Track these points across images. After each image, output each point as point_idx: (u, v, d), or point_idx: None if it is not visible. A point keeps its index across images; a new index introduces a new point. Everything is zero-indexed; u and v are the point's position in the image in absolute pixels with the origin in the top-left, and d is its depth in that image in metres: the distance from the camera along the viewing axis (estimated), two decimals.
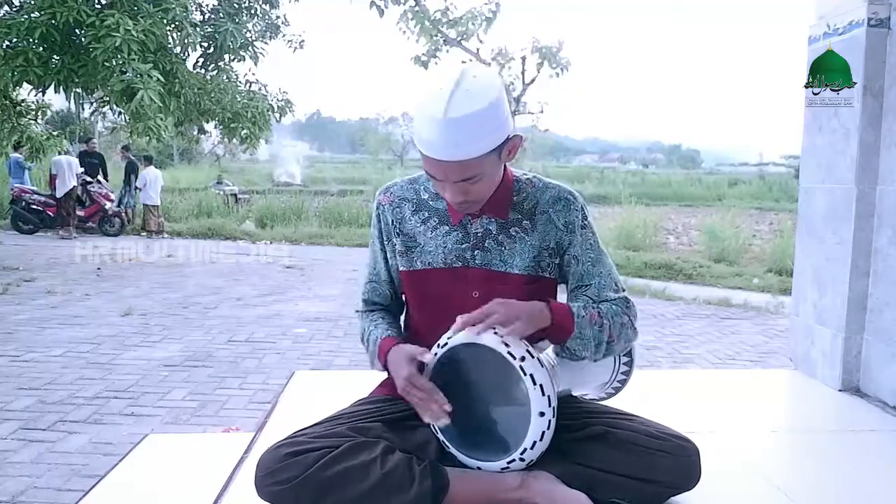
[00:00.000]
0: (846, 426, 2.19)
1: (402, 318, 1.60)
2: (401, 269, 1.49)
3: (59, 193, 10.85)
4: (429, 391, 1.30)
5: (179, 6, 7.53)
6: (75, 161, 11.05)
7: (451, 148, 1.24)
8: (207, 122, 9.27)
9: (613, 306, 1.41)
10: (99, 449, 2.88)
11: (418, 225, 1.47)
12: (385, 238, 1.51)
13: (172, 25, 7.76)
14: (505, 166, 1.42)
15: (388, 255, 1.51)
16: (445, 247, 1.44)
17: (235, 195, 15.67)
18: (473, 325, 1.27)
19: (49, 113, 9.46)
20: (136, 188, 11.92)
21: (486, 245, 1.42)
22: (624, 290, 1.46)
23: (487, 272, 1.42)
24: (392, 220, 1.49)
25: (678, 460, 1.38)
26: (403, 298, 1.56)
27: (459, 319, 1.28)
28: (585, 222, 1.44)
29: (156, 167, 12.33)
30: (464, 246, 1.43)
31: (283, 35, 9.30)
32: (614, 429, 1.39)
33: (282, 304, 6.26)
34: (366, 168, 34.34)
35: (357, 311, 1.58)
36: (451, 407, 1.29)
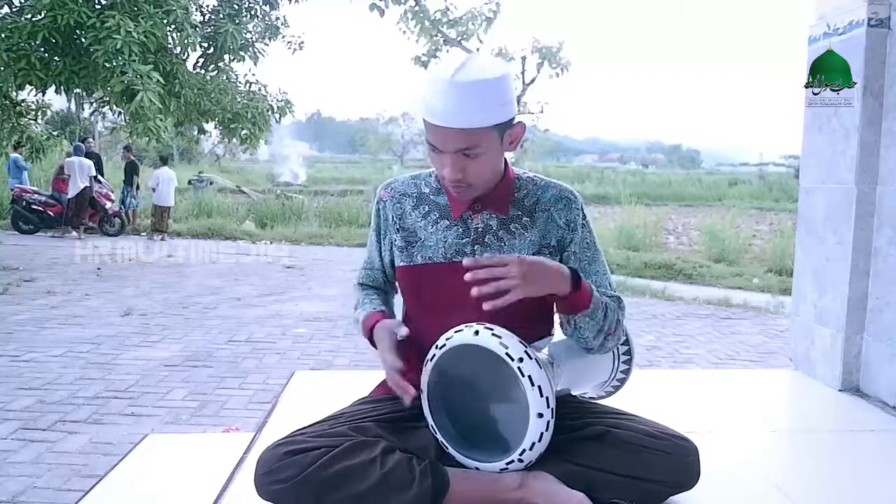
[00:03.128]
0: (846, 426, 2.19)
1: (400, 315, 1.60)
2: (401, 264, 1.49)
3: (71, 194, 10.86)
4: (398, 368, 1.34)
5: (180, 7, 7.53)
6: (87, 163, 11.01)
7: (455, 114, 1.26)
8: (207, 122, 9.28)
9: (612, 302, 1.42)
10: (99, 449, 2.89)
11: (419, 219, 1.47)
12: (382, 234, 1.53)
13: (173, 26, 7.76)
14: (506, 163, 1.43)
15: (384, 251, 1.54)
16: (446, 241, 1.44)
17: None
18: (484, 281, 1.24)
19: (49, 113, 9.46)
20: (137, 187, 11.86)
21: (486, 240, 1.43)
22: (615, 292, 1.47)
23: None
24: (392, 217, 1.50)
25: (678, 460, 1.38)
26: (397, 285, 1.58)
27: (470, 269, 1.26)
28: (585, 221, 1.47)
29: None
30: (464, 241, 1.43)
31: (283, 36, 9.31)
32: (614, 429, 1.39)
33: (282, 304, 6.26)
34: (366, 168, 34.37)
35: (355, 284, 1.64)
36: (416, 392, 1.31)
